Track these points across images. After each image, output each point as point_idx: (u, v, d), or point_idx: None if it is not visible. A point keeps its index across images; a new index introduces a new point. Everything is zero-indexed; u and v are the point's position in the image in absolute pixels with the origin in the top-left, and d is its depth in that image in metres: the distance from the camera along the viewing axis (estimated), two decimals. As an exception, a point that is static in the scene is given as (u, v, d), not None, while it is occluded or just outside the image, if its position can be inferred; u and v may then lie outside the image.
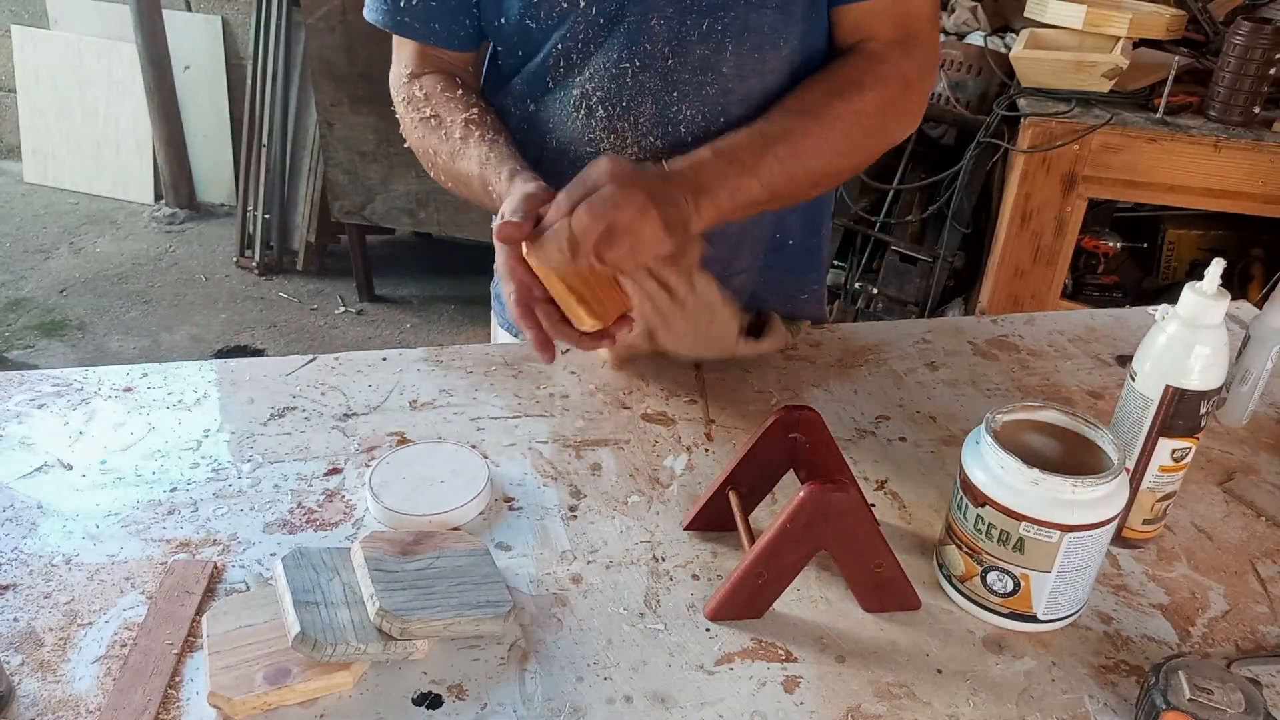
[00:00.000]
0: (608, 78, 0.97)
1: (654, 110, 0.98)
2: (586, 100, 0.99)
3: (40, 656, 0.71)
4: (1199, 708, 0.64)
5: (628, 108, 0.98)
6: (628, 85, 0.97)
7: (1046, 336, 1.19)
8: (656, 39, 0.95)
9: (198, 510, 0.86)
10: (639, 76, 0.97)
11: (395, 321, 3.31)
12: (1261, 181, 2.05)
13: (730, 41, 0.96)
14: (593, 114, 0.99)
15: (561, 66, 0.98)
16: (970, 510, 0.75)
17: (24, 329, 3.18)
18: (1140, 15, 2.13)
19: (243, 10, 3.71)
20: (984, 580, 0.76)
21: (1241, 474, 0.97)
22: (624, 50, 0.96)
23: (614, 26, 0.95)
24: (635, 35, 0.95)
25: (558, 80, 1.00)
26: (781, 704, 0.70)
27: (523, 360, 1.08)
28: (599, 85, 0.98)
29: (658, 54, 0.96)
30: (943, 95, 2.41)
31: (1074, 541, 0.72)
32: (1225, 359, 0.80)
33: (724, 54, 0.96)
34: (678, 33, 0.95)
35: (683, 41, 0.95)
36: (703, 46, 0.95)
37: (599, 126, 1.00)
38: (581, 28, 0.96)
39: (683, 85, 0.97)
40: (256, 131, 3.43)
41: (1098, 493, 0.72)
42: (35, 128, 3.95)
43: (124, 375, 1.03)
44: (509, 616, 0.74)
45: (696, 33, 0.95)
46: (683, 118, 0.99)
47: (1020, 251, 2.22)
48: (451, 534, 0.80)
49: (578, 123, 1.00)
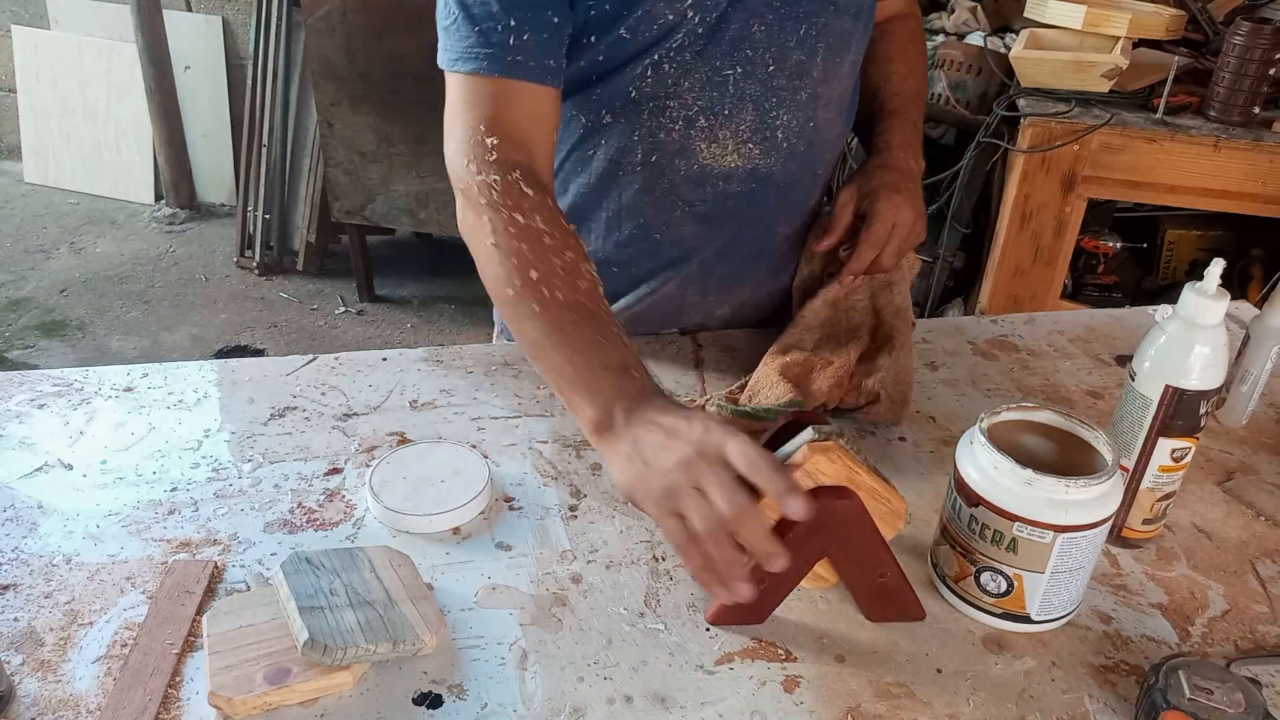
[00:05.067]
0: (710, 86, 0.96)
1: (754, 117, 0.98)
2: (686, 110, 0.97)
3: (41, 656, 0.71)
4: (1199, 707, 0.64)
5: (730, 115, 0.98)
6: (730, 93, 0.96)
7: (1046, 336, 1.19)
8: (758, 45, 0.95)
9: (198, 510, 0.86)
10: (740, 84, 0.96)
11: (395, 321, 3.31)
12: (1261, 182, 2.05)
13: (820, 46, 0.97)
14: (693, 124, 0.98)
15: (650, 76, 0.94)
16: (964, 510, 0.75)
17: (24, 329, 3.18)
18: (1140, 15, 2.13)
19: (243, 10, 3.71)
20: (977, 580, 0.76)
21: (1241, 474, 0.97)
22: (726, 57, 0.95)
23: (715, 34, 0.93)
24: (739, 42, 0.94)
25: (644, 91, 0.95)
26: (781, 704, 0.70)
27: (523, 360, 1.08)
28: (700, 94, 0.96)
29: (759, 60, 0.96)
30: (943, 95, 2.41)
31: (1068, 542, 0.72)
32: (1225, 359, 0.80)
33: (815, 59, 0.98)
34: (777, 39, 0.95)
35: (782, 47, 0.96)
36: (799, 52, 0.97)
37: (700, 136, 0.98)
38: (681, 37, 0.93)
39: (780, 91, 0.98)
40: (257, 131, 3.43)
41: (1091, 493, 0.72)
42: (36, 128, 3.95)
43: (124, 375, 1.03)
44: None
45: (794, 38, 0.96)
46: (780, 123, 1.00)
47: (1020, 251, 2.22)
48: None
49: (675, 133, 0.98)
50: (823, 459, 0.72)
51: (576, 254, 0.84)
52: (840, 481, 0.72)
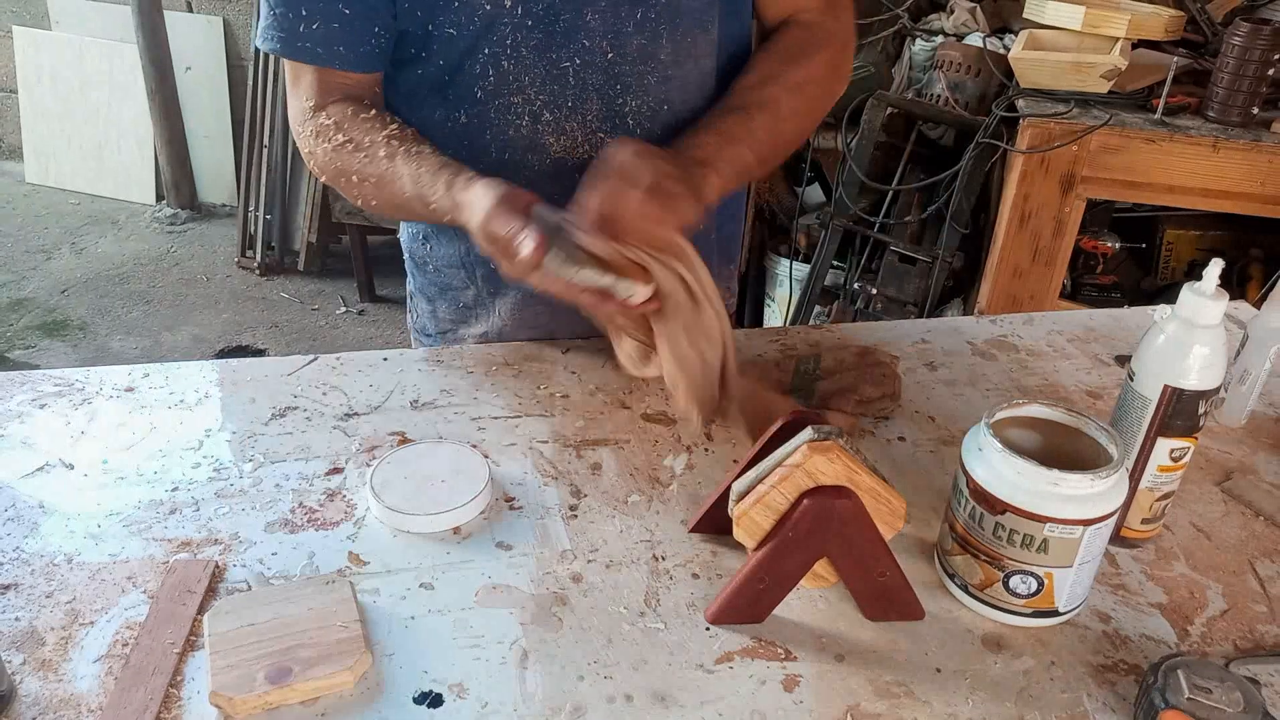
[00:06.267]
0: (549, 80, 0.96)
1: (600, 106, 0.98)
2: (530, 105, 0.97)
3: (42, 656, 0.72)
4: (1197, 707, 0.64)
5: (574, 108, 0.98)
6: (571, 85, 0.97)
7: (1045, 337, 1.20)
8: (594, 34, 0.95)
9: (199, 510, 0.86)
10: (581, 74, 0.96)
11: (396, 321, 3.31)
12: (1260, 182, 2.06)
13: (664, 28, 0.97)
14: (538, 119, 0.98)
15: (491, 74, 0.96)
16: (987, 519, 0.75)
17: (26, 329, 3.18)
18: (1139, 16, 2.13)
19: (244, 11, 3.71)
20: (1006, 585, 0.76)
21: (1240, 474, 0.97)
22: (562, 49, 0.95)
23: (547, 27, 0.94)
24: (572, 33, 0.94)
25: (488, 89, 0.97)
26: (781, 703, 0.70)
27: (523, 360, 1.09)
28: (541, 89, 0.97)
29: (597, 49, 0.96)
30: (942, 96, 2.41)
31: (1093, 534, 0.73)
32: (1223, 359, 0.80)
33: (660, 41, 0.97)
34: (614, 26, 0.95)
35: (620, 34, 0.95)
36: (639, 36, 0.96)
37: (547, 130, 0.99)
38: (509, 31, 0.93)
39: (625, 78, 0.98)
40: (258, 132, 3.43)
41: (1109, 482, 0.73)
42: (37, 128, 3.95)
43: (125, 375, 1.04)
44: None
45: (632, 23, 0.95)
46: (629, 110, 0.99)
47: (1019, 252, 2.22)
48: None
49: (523, 129, 0.99)
50: (822, 459, 0.72)
51: (373, 134, 0.95)
52: (840, 481, 0.73)
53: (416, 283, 1.22)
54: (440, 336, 1.21)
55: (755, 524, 0.75)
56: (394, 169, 0.93)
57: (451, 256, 1.13)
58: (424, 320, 1.22)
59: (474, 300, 1.15)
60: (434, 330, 1.21)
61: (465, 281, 1.15)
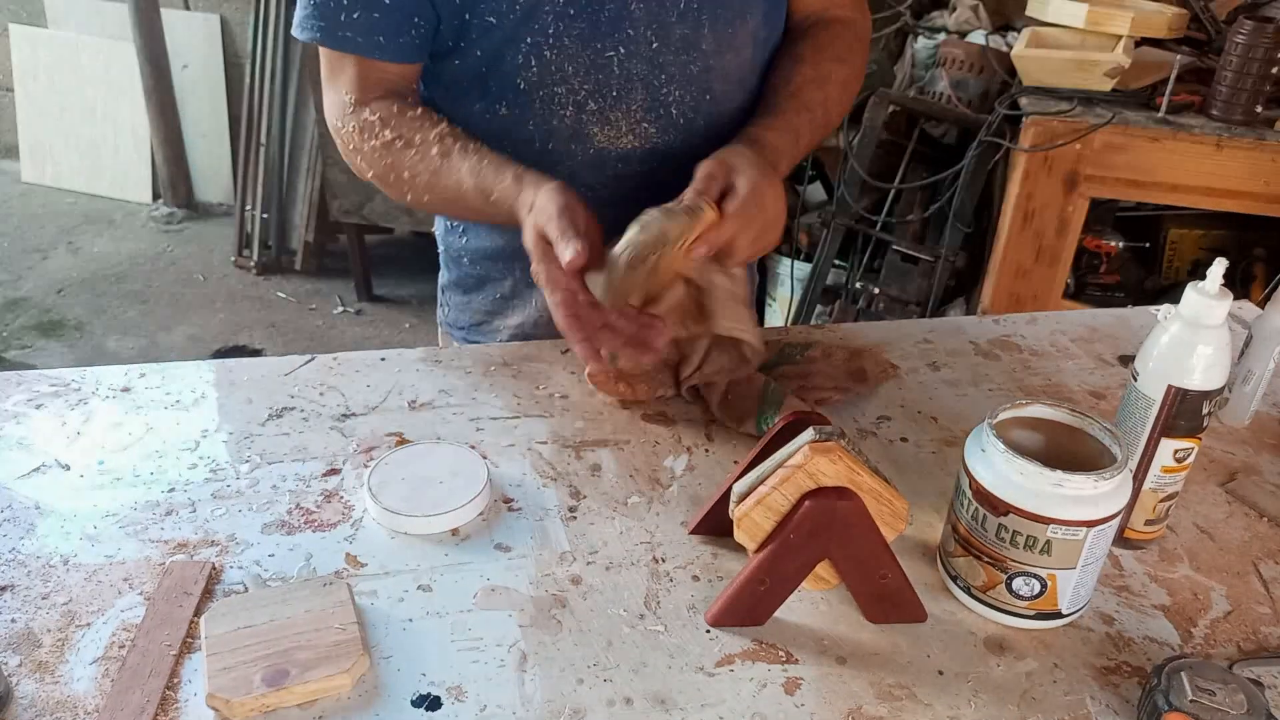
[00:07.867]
0: (594, 69, 0.96)
1: (644, 96, 0.98)
2: (574, 95, 0.97)
3: (38, 657, 0.71)
4: (1201, 709, 0.64)
5: (619, 97, 0.98)
6: (615, 74, 0.97)
7: (1048, 336, 1.19)
8: (639, 23, 0.95)
9: (196, 511, 0.85)
10: (625, 64, 0.96)
11: (394, 321, 3.31)
12: (1263, 181, 2.05)
13: (706, 17, 0.97)
14: (583, 109, 0.98)
15: (534, 65, 0.96)
16: (990, 520, 0.74)
17: (22, 329, 3.18)
18: (1142, 14, 2.13)
19: (241, 9, 3.70)
20: (1009, 586, 0.75)
21: (1244, 474, 0.97)
22: (607, 39, 0.95)
23: (592, 15, 0.94)
24: (617, 22, 0.94)
25: (531, 80, 0.97)
26: (782, 705, 0.70)
27: (522, 360, 1.08)
28: (586, 78, 0.96)
29: (641, 38, 0.95)
30: (944, 94, 2.41)
31: (1097, 535, 0.72)
32: (1227, 359, 0.79)
33: (702, 30, 0.97)
34: (658, 15, 0.95)
35: (664, 23, 0.95)
36: (682, 25, 0.96)
37: (592, 121, 0.99)
38: (551, 20, 0.93)
39: (669, 67, 0.98)
40: (255, 130, 3.42)
41: (1113, 483, 0.72)
42: (33, 127, 3.94)
43: (122, 375, 1.03)
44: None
45: (675, 13, 0.95)
46: (673, 99, 0.99)
47: (1022, 251, 2.22)
48: None
49: (567, 120, 0.99)
50: (824, 459, 0.71)
51: (424, 132, 0.95)
52: (841, 482, 0.72)
53: (452, 275, 1.22)
54: (474, 329, 1.22)
55: (756, 525, 0.74)
56: (450, 164, 0.94)
57: (490, 249, 1.15)
58: (456, 314, 1.23)
59: (511, 291, 1.16)
60: (467, 323, 1.22)
61: (504, 272, 1.15)
